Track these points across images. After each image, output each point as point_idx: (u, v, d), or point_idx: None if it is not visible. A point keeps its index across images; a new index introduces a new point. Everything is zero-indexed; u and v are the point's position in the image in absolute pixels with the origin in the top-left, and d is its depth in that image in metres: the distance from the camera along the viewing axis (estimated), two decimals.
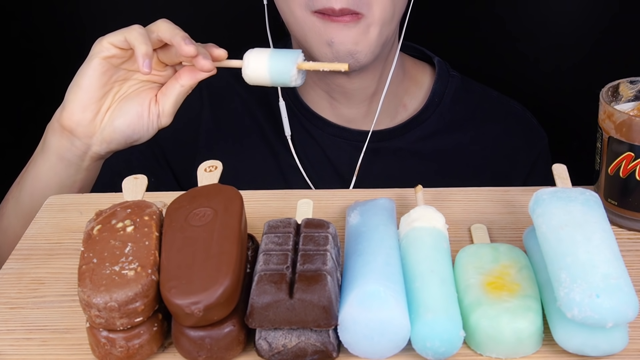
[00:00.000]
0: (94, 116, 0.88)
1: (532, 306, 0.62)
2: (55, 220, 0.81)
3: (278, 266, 0.62)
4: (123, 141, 0.90)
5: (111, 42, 0.85)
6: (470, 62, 1.27)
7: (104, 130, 0.88)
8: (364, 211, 0.72)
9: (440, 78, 1.12)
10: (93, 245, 0.64)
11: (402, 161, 1.10)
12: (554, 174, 0.73)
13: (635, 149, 0.72)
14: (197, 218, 0.65)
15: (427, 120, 1.11)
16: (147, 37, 0.83)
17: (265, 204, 0.82)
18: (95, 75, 0.86)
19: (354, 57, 0.96)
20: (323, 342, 0.60)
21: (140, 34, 0.83)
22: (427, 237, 0.68)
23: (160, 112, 0.88)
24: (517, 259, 0.67)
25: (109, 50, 0.85)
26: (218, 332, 0.60)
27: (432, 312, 0.60)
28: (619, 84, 0.77)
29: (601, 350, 0.60)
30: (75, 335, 0.65)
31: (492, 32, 1.35)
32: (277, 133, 1.11)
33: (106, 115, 0.88)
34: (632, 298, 0.58)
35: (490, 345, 0.61)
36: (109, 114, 0.88)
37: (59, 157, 0.90)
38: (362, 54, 0.96)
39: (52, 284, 0.72)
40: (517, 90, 1.23)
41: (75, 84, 0.87)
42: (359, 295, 0.60)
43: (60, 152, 0.90)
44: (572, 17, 1.32)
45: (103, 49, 0.85)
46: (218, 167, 0.73)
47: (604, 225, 0.64)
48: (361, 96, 1.07)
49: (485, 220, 0.78)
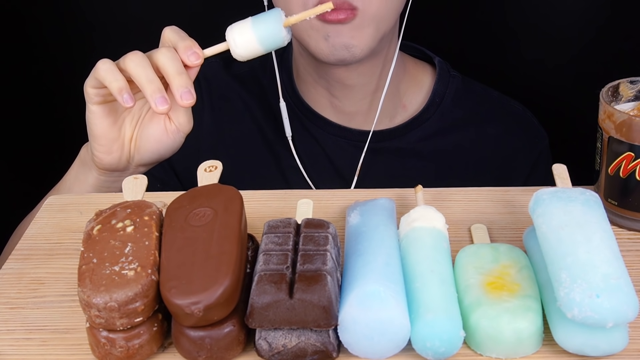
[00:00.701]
0: (121, 153, 0.89)
1: (532, 306, 0.62)
2: (55, 220, 0.81)
3: (278, 266, 0.62)
4: (156, 160, 0.91)
5: (91, 86, 0.84)
6: (471, 62, 1.27)
7: (134, 159, 0.90)
8: (364, 211, 0.72)
9: (441, 78, 1.12)
10: (93, 245, 0.64)
11: (402, 161, 1.10)
12: (554, 174, 0.73)
13: (635, 149, 0.72)
14: (197, 218, 0.65)
15: (428, 120, 1.11)
16: (115, 70, 0.81)
17: (265, 204, 0.82)
18: (100, 120, 0.86)
19: (350, 51, 0.96)
20: (323, 342, 0.60)
21: (107, 70, 0.81)
22: (427, 237, 0.68)
23: (177, 125, 0.88)
24: (517, 259, 0.67)
25: (96, 96, 0.85)
26: (218, 332, 0.60)
27: (432, 312, 0.60)
28: (619, 84, 0.77)
29: (601, 350, 0.60)
30: (75, 335, 0.65)
31: (493, 32, 1.35)
32: (277, 133, 1.11)
33: (131, 145, 0.89)
34: (632, 298, 0.58)
35: (490, 345, 0.61)
36: (134, 144, 0.89)
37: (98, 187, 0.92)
38: (358, 48, 0.97)
39: (52, 284, 0.72)
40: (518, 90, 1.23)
41: (90, 134, 0.88)
42: (359, 295, 0.60)
43: (100, 183, 0.92)
44: (572, 17, 1.32)
45: (90, 96, 0.85)
46: (218, 167, 0.73)
47: (604, 225, 0.64)
48: (361, 93, 1.07)
49: (485, 220, 0.77)
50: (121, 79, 0.80)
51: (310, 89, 1.10)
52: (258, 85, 1.14)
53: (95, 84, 0.83)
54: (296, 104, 1.11)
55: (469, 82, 1.15)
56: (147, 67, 0.80)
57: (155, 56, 0.81)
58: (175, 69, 0.80)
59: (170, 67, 0.80)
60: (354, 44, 0.96)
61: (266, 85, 1.13)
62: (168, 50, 0.81)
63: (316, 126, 1.11)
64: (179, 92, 0.79)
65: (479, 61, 1.32)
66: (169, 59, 0.80)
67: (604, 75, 0.80)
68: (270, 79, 1.12)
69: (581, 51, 1.32)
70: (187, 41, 0.82)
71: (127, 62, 0.81)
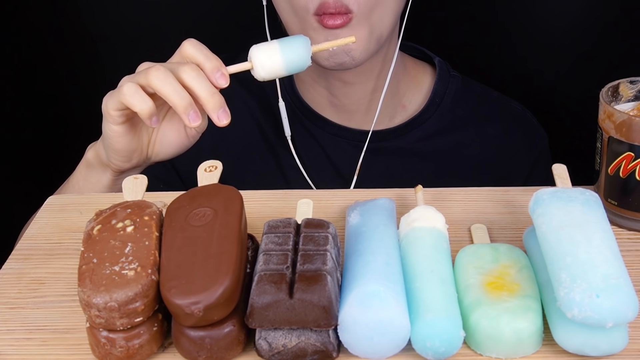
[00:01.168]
0: (139, 158, 0.90)
1: (532, 306, 0.62)
2: (55, 220, 0.81)
3: (278, 266, 0.62)
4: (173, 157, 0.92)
5: (114, 109, 0.83)
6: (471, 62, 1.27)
7: (151, 159, 0.91)
8: (364, 211, 0.72)
9: (441, 78, 1.12)
10: (93, 245, 0.64)
11: (402, 161, 1.10)
12: (554, 174, 0.73)
13: (635, 149, 0.72)
14: (197, 218, 0.65)
15: (428, 120, 1.11)
16: (141, 93, 0.80)
17: (265, 204, 0.82)
18: (122, 138, 0.86)
19: (349, 55, 0.97)
20: (323, 342, 0.60)
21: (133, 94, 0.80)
22: (427, 237, 0.68)
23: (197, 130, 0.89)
24: (517, 259, 0.67)
25: (119, 117, 0.84)
26: (218, 332, 0.60)
27: (432, 312, 0.60)
28: (619, 84, 0.77)
29: (601, 350, 0.60)
30: (75, 335, 0.65)
31: (493, 32, 1.35)
32: (277, 133, 1.11)
33: (149, 150, 0.90)
34: (632, 298, 0.58)
35: (490, 345, 0.61)
36: (152, 148, 0.90)
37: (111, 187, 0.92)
38: (357, 52, 0.97)
39: (52, 284, 0.72)
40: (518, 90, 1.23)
41: (110, 148, 0.87)
42: (359, 295, 0.60)
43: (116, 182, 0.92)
44: (572, 17, 1.32)
45: (114, 117, 0.83)
46: (218, 167, 0.73)
47: (604, 225, 0.64)
48: (360, 92, 1.08)
49: (485, 220, 0.77)
50: (149, 101, 0.80)
51: (309, 88, 1.10)
52: (258, 85, 1.14)
53: (119, 106, 0.82)
54: (296, 103, 1.11)
55: (469, 82, 1.15)
56: (175, 83, 0.79)
57: (180, 74, 0.80)
58: (207, 89, 0.79)
59: (202, 89, 0.79)
60: (353, 47, 0.96)
61: (266, 86, 1.13)
62: (193, 70, 0.80)
63: (316, 126, 1.11)
64: (216, 113, 0.79)
65: (479, 61, 1.32)
66: (196, 79, 0.79)
67: (604, 75, 0.80)
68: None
69: (581, 51, 1.32)
70: (213, 61, 0.81)
71: (151, 79, 0.79)
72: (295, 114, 1.11)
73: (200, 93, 0.79)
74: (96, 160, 0.92)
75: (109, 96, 0.84)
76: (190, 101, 0.79)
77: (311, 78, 1.09)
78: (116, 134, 0.85)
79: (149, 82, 0.79)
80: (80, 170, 0.95)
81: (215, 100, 0.79)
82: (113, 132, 0.85)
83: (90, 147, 0.94)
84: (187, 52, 0.82)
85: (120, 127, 0.85)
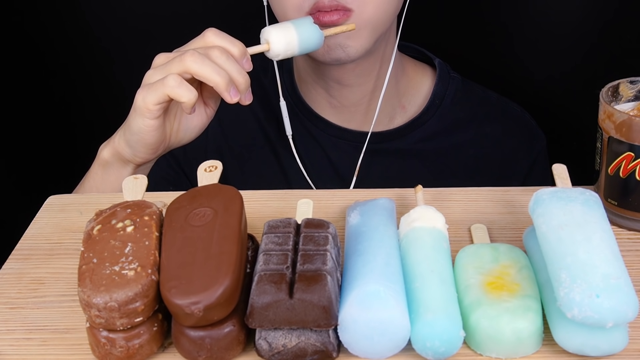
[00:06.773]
0: (164, 148, 0.91)
1: (532, 306, 0.62)
2: (55, 220, 0.81)
3: (278, 266, 0.62)
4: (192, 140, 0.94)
5: (154, 103, 0.83)
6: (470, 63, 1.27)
7: (172, 147, 0.92)
8: (364, 211, 0.72)
9: (441, 79, 1.12)
10: (93, 245, 0.64)
11: (402, 162, 1.10)
12: (554, 174, 0.73)
13: (635, 149, 0.72)
14: (197, 218, 0.65)
15: (428, 121, 1.11)
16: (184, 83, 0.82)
17: (265, 204, 0.82)
18: (156, 132, 0.87)
19: (345, 51, 0.97)
20: (323, 342, 0.60)
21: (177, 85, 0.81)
22: (427, 237, 0.68)
23: (215, 108, 0.92)
24: (517, 259, 0.67)
25: (159, 110, 0.85)
26: (218, 332, 0.60)
27: (432, 312, 0.60)
28: (619, 84, 0.77)
29: (601, 350, 0.60)
30: (75, 335, 0.65)
31: (492, 33, 1.35)
32: (278, 133, 1.11)
33: (172, 138, 0.91)
34: (632, 298, 0.58)
35: (490, 345, 0.61)
36: (175, 136, 0.91)
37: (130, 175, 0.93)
38: (353, 49, 0.97)
39: (52, 284, 0.72)
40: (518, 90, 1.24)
41: (141, 143, 0.88)
42: (359, 295, 0.60)
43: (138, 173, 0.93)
44: (572, 17, 1.32)
45: (153, 112, 0.84)
46: (218, 167, 0.73)
47: (604, 225, 0.64)
48: (359, 93, 1.08)
49: (485, 220, 0.77)
50: (194, 91, 0.83)
51: (310, 89, 1.10)
52: (260, 86, 1.14)
53: (162, 99, 0.83)
54: (296, 104, 1.11)
55: (469, 84, 1.15)
56: (212, 64, 0.82)
57: (211, 57, 0.83)
58: (238, 70, 0.83)
59: (233, 70, 0.83)
60: (349, 44, 0.97)
61: (267, 86, 1.14)
62: (222, 53, 0.83)
63: (316, 127, 1.11)
64: (245, 93, 0.85)
65: (478, 62, 1.32)
66: (227, 61, 0.83)
67: (604, 75, 0.80)
68: (271, 79, 1.13)
69: (581, 51, 1.32)
70: (239, 47, 0.85)
71: (189, 64, 0.81)
72: (296, 115, 1.11)
73: (232, 74, 0.83)
74: (114, 157, 0.92)
75: (146, 91, 0.84)
76: (229, 78, 0.82)
77: (311, 79, 1.09)
78: (151, 127, 0.86)
79: (187, 68, 0.82)
80: (95, 170, 0.95)
81: (246, 80, 0.84)
82: (148, 126, 0.86)
83: (104, 146, 0.93)
84: (211, 39, 0.85)
85: (156, 121, 0.86)
